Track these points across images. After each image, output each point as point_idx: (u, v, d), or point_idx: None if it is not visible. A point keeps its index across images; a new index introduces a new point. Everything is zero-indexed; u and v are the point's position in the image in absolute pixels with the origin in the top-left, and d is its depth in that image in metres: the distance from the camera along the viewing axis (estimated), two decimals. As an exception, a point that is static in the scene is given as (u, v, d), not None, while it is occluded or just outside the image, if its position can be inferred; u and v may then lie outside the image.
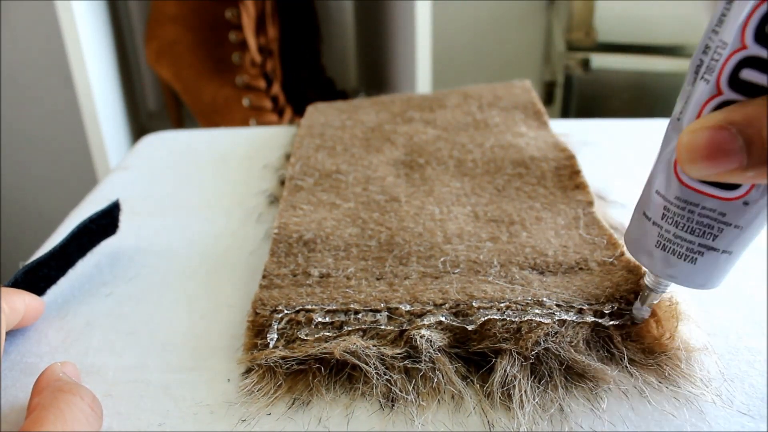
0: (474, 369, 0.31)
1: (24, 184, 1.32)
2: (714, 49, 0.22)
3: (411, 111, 0.57)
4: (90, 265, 0.41)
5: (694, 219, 0.24)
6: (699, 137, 0.21)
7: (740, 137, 0.20)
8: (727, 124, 0.20)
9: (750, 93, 0.21)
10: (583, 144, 0.54)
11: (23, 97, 1.25)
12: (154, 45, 1.05)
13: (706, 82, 0.22)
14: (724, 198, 0.23)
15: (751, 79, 0.21)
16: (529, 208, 0.42)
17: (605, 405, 0.28)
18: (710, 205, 0.24)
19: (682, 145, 0.22)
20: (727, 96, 0.22)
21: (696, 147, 0.21)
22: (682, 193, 0.24)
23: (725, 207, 0.24)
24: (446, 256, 0.37)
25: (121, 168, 0.54)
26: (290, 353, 0.30)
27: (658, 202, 0.26)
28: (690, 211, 0.24)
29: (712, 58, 0.22)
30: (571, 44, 1.22)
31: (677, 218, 0.25)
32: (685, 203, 0.24)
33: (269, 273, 0.37)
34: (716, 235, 0.24)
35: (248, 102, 1.04)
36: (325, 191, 0.45)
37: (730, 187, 0.23)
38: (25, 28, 1.19)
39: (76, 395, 0.26)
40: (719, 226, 0.24)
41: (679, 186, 0.24)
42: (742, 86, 0.21)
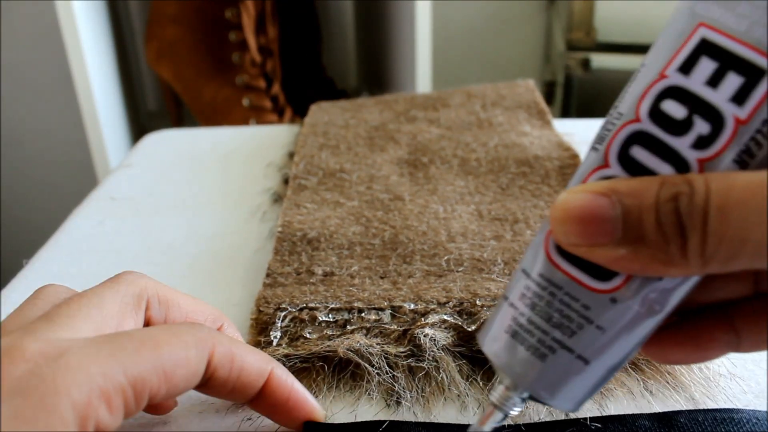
0: (478, 368, 0.30)
1: (24, 184, 1.32)
2: (610, 121, 0.20)
3: (414, 110, 0.57)
4: (94, 264, 0.41)
5: (554, 305, 0.21)
6: (576, 198, 0.19)
7: (619, 207, 0.18)
8: (610, 192, 0.19)
9: (637, 173, 0.19)
10: (586, 144, 0.54)
11: (23, 97, 1.25)
12: (154, 45, 1.05)
13: (595, 150, 0.20)
14: (591, 287, 0.20)
15: (640, 158, 0.19)
16: (533, 207, 0.42)
17: (610, 404, 0.28)
18: (575, 292, 0.20)
19: (557, 204, 0.20)
20: (614, 170, 0.20)
21: (570, 207, 0.19)
22: (546, 270, 0.21)
23: (590, 299, 0.20)
24: (450, 255, 0.37)
25: (124, 166, 0.54)
26: (294, 351, 0.30)
27: (520, 282, 0.22)
28: (551, 293, 0.21)
29: (606, 128, 0.20)
30: (571, 44, 1.22)
31: (536, 300, 0.21)
32: (547, 283, 0.21)
33: (273, 271, 0.36)
34: (574, 331, 0.20)
35: (248, 102, 1.04)
36: (328, 190, 0.45)
37: (602, 276, 0.20)
38: (25, 28, 1.19)
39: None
40: (579, 321, 0.20)
41: (546, 261, 0.21)
42: (630, 164, 0.19)
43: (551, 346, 0.21)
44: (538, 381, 0.21)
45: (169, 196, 0.49)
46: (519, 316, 0.21)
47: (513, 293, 0.22)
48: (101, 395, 0.20)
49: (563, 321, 0.20)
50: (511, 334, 0.22)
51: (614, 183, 0.19)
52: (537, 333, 0.21)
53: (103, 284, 0.25)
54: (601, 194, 0.19)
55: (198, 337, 0.23)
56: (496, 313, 0.23)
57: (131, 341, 0.21)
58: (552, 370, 0.21)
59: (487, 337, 0.23)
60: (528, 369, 0.21)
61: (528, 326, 0.21)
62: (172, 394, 0.22)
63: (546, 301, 0.21)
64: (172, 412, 0.28)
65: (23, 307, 0.24)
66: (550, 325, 0.21)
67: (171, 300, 0.26)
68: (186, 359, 0.22)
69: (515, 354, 0.21)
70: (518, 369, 0.21)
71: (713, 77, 0.18)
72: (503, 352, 0.22)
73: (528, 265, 0.22)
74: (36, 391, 0.19)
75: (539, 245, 0.21)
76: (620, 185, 0.19)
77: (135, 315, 0.25)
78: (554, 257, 0.21)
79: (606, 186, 0.19)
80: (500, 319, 0.22)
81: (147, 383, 0.21)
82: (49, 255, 0.42)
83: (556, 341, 0.21)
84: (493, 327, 0.22)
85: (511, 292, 0.22)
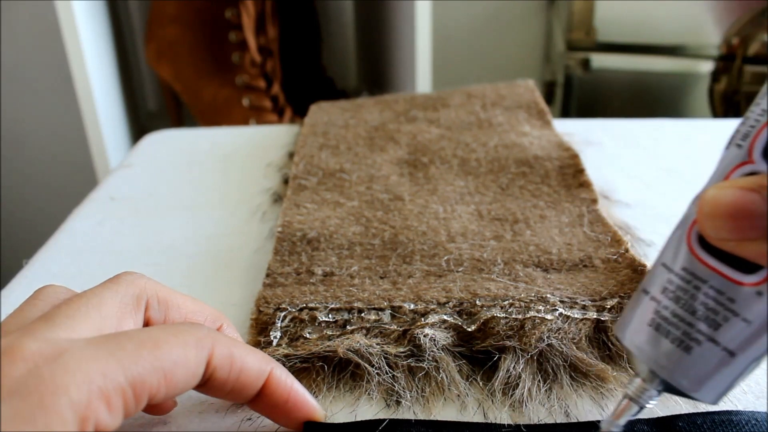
0: (478, 368, 0.30)
1: (24, 184, 1.32)
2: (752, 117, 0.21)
3: (414, 110, 0.57)
4: (94, 264, 0.41)
5: (699, 298, 0.21)
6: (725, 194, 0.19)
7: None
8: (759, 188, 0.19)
9: None
10: (586, 143, 0.54)
11: (23, 97, 1.24)
12: (154, 45, 1.05)
13: (738, 147, 0.21)
14: (736, 281, 0.20)
15: None
16: (533, 207, 0.42)
17: (611, 405, 0.28)
18: (719, 285, 0.21)
19: (705, 199, 0.20)
20: (758, 166, 0.20)
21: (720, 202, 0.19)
22: (690, 263, 0.21)
23: (735, 292, 0.20)
24: (450, 255, 0.37)
25: (124, 166, 0.54)
26: (294, 351, 0.30)
27: (661, 276, 0.22)
28: (695, 286, 0.21)
29: (750, 125, 0.21)
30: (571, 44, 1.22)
31: (680, 293, 0.21)
32: (691, 276, 0.21)
33: (273, 271, 0.36)
34: (720, 323, 0.21)
35: (248, 102, 1.04)
36: (328, 190, 0.45)
37: (747, 268, 0.20)
38: (25, 28, 1.19)
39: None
40: (725, 314, 0.20)
41: (689, 255, 0.21)
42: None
43: (697, 338, 0.21)
44: (684, 373, 0.21)
45: (169, 196, 0.49)
46: (662, 309, 0.22)
47: (654, 287, 0.22)
48: (100, 395, 0.20)
49: (709, 314, 0.21)
50: (655, 327, 0.22)
51: (762, 179, 0.19)
52: (682, 326, 0.21)
53: (102, 285, 0.25)
54: (751, 190, 0.19)
55: (197, 337, 0.23)
56: (635, 307, 0.23)
57: (130, 341, 0.21)
58: (698, 363, 0.21)
59: (627, 330, 0.23)
60: (673, 361, 0.22)
61: (672, 319, 0.22)
62: (172, 394, 0.22)
63: (691, 294, 0.21)
64: (172, 412, 0.28)
65: (23, 307, 0.24)
66: (696, 318, 0.21)
67: (170, 300, 0.26)
68: (185, 359, 0.22)
69: (659, 346, 0.22)
70: (663, 361, 0.22)
71: None
72: (646, 345, 0.22)
73: (669, 259, 0.22)
74: (35, 391, 0.19)
75: (681, 239, 0.22)
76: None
77: (134, 315, 0.25)
78: (697, 251, 0.21)
79: (755, 182, 0.19)
80: (641, 312, 0.23)
81: (146, 383, 0.21)
82: (49, 255, 0.42)
83: (702, 333, 0.21)
84: (633, 320, 0.23)
85: (651, 286, 0.22)
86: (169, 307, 0.26)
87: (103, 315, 0.23)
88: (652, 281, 0.23)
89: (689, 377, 0.21)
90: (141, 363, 0.21)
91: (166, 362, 0.22)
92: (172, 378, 0.22)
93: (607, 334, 0.31)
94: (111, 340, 0.21)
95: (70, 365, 0.20)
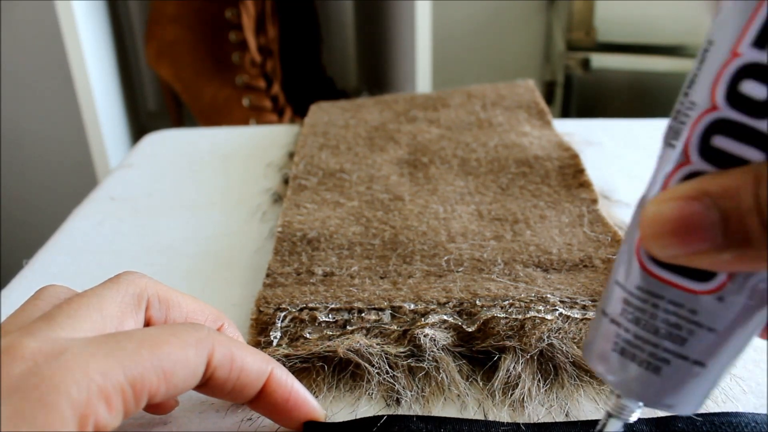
0: (478, 368, 0.30)
1: (24, 184, 1.32)
2: (682, 111, 0.19)
3: (414, 110, 0.57)
4: (94, 265, 0.41)
5: (659, 316, 0.20)
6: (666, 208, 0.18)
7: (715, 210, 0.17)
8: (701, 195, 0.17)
9: (723, 163, 0.18)
10: (586, 144, 0.54)
11: (23, 97, 1.24)
12: (154, 45, 1.05)
13: (671, 147, 0.19)
14: (693, 290, 0.19)
15: (724, 147, 0.17)
16: (533, 207, 0.42)
17: (611, 403, 0.28)
18: (678, 298, 0.19)
19: (646, 218, 0.18)
20: (697, 166, 0.18)
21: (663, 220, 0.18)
22: (644, 281, 0.20)
23: (695, 302, 0.19)
24: (450, 255, 0.37)
25: (124, 166, 0.54)
26: (294, 351, 0.30)
27: (617, 295, 0.21)
28: (654, 305, 0.20)
29: (680, 121, 0.19)
30: (571, 44, 1.22)
31: (639, 314, 0.20)
32: (647, 294, 0.20)
33: (273, 271, 0.36)
34: (685, 338, 0.19)
35: (248, 102, 1.04)
36: (328, 190, 0.45)
37: (702, 276, 0.19)
38: (25, 28, 1.19)
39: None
40: (689, 327, 0.19)
41: (641, 272, 0.20)
42: (714, 155, 0.18)
43: (664, 357, 0.20)
44: (657, 395, 0.20)
45: (169, 196, 0.49)
46: (624, 333, 0.20)
47: (611, 308, 0.21)
48: (100, 394, 0.20)
49: (672, 330, 0.19)
50: (620, 352, 0.21)
51: (703, 183, 0.17)
52: (647, 347, 0.20)
53: (103, 284, 0.25)
54: (693, 199, 0.17)
55: (197, 337, 0.23)
56: (597, 330, 0.22)
57: (131, 341, 0.21)
58: (669, 381, 0.20)
59: (593, 355, 0.22)
60: (644, 385, 0.20)
61: (636, 342, 0.20)
62: (172, 393, 0.22)
63: (650, 313, 0.20)
64: (173, 412, 0.28)
65: (24, 307, 0.24)
66: (659, 337, 0.20)
67: (171, 300, 0.26)
68: (185, 359, 0.22)
69: (628, 371, 0.21)
70: (634, 386, 0.21)
71: None
72: (615, 371, 0.21)
73: (622, 277, 0.20)
74: (35, 389, 0.19)
75: (630, 255, 0.20)
76: (710, 185, 0.17)
77: (135, 315, 0.25)
78: (649, 266, 0.20)
79: (695, 188, 0.17)
80: (604, 336, 0.21)
81: (146, 382, 0.21)
82: (49, 255, 0.42)
83: (669, 352, 0.20)
84: (597, 345, 0.21)
85: (608, 307, 0.21)
86: (169, 306, 0.26)
87: (103, 315, 0.23)
88: (609, 301, 0.21)
89: (663, 396, 0.20)
90: (141, 362, 0.21)
91: (166, 362, 0.22)
92: (172, 377, 0.22)
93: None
94: (111, 340, 0.21)
95: (70, 364, 0.20)
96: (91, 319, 0.23)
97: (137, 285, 0.25)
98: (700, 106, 0.18)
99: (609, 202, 0.45)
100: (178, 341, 0.22)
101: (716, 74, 0.18)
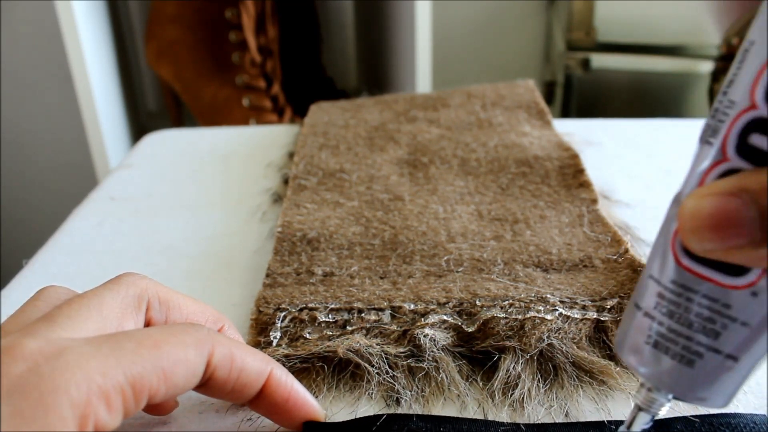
0: (478, 368, 0.30)
1: (24, 184, 1.32)
2: (721, 110, 0.19)
3: (414, 110, 0.57)
4: (93, 265, 0.41)
5: (693, 309, 0.20)
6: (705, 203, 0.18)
7: (753, 207, 0.17)
8: (739, 191, 0.18)
9: (760, 161, 0.18)
10: (586, 143, 0.54)
11: (23, 97, 1.24)
12: (154, 45, 1.05)
13: (708, 144, 0.19)
14: (728, 285, 0.19)
15: (762, 145, 0.18)
16: (533, 207, 0.42)
17: (611, 405, 0.28)
18: (712, 293, 0.20)
19: (685, 212, 0.19)
20: (734, 163, 0.19)
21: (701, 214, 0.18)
22: (678, 276, 0.20)
23: (729, 297, 0.19)
24: (450, 255, 0.37)
25: (124, 166, 0.54)
26: (293, 352, 0.30)
27: (651, 289, 0.21)
28: (688, 299, 0.20)
29: (718, 119, 0.19)
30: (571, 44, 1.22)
31: (673, 307, 0.20)
32: (682, 289, 0.20)
33: (273, 271, 0.36)
34: (719, 332, 0.20)
35: (248, 102, 1.04)
36: (328, 190, 0.45)
37: (736, 271, 0.19)
38: (25, 28, 1.19)
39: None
40: (723, 321, 0.20)
41: (676, 267, 0.20)
42: (752, 153, 0.18)
43: (698, 351, 0.20)
44: (690, 388, 0.21)
45: (169, 196, 0.49)
46: (658, 326, 0.21)
47: (646, 302, 0.21)
48: (100, 394, 0.20)
49: (706, 324, 0.20)
50: (653, 345, 0.21)
51: (742, 180, 0.18)
52: (681, 340, 0.20)
53: (103, 285, 0.25)
54: (731, 195, 0.18)
55: (197, 337, 0.23)
56: (629, 323, 0.22)
57: (130, 341, 0.21)
58: (702, 375, 0.20)
59: (625, 348, 0.22)
60: (677, 378, 0.21)
61: (670, 335, 0.21)
62: (172, 393, 0.22)
63: (684, 307, 0.20)
64: (173, 412, 0.28)
65: (24, 308, 0.24)
66: (693, 331, 0.20)
67: (171, 301, 0.26)
68: (185, 359, 0.22)
69: (661, 364, 0.21)
70: (667, 379, 0.21)
71: None
72: (648, 364, 0.21)
73: (656, 271, 0.21)
74: (35, 389, 0.19)
75: (665, 249, 0.21)
76: (749, 182, 0.18)
77: (135, 316, 0.25)
78: (684, 261, 0.20)
79: (734, 185, 0.18)
80: (637, 329, 0.21)
81: (146, 382, 0.21)
82: (49, 255, 0.42)
83: (702, 345, 0.20)
84: (630, 338, 0.22)
85: (642, 301, 0.21)
86: (170, 307, 0.26)
87: (104, 315, 0.23)
88: (643, 295, 0.22)
89: (695, 389, 0.21)
90: (140, 362, 0.21)
91: (166, 362, 0.22)
92: (172, 377, 0.22)
93: (608, 334, 0.31)
94: (111, 340, 0.21)
95: (70, 364, 0.20)
96: (91, 320, 0.23)
97: (137, 286, 0.25)
98: (739, 104, 0.18)
99: (609, 202, 0.45)
100: (177, 341, 0.22)
101: (756, 74, 0.18)
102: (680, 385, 0.21)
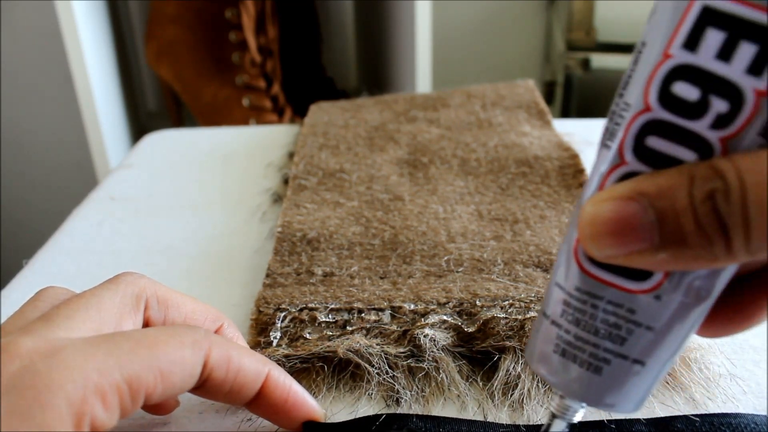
0: (478, 368, 0.30)
1: (24, 184, 1.32)
2: (617, 112, 0.19)
3: (414, 110, 0.57)
4: (93, 265, 0.41)
5: (598, 316, 0.20)
6: (603, 209, 0.18)
7: (651, 211, 0.17)
8: (637, 195, 0.17)
9: (658, 164, 0.18)
10: (586, 144, 0.54)
11: (23, 97, 1.24)
12: (154, 45, 1.05)
13: (606, 148, 0.19)
14: (631, 290, 0.19)
15: (658, 147, 0.18)
16: (533, 207, 0.42)
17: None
18: (616, 298, 0.19)
19: (583, 219, 0.18)
20: (632, 167, 0.18)
21: (600, 220, 0.18)
22: (582, 282, 0.20)
23: (633, 301, 0.19)
24: (450, 255, 0.37)
25: (124, 166, 0.54)
26: (293, 352, 0.30)
27: (557, 297, 0.21)
28: (593, 305, 0.20)
29: (615, 122, 0.19)
30: (571, 44, 1.22)
31: (578, 315, 0.20)
32: (586, 295, 0.20)
33: (273, 272, 0.36)
34: (624, 337, 0.19)
35: (248, 102, 1.04)
36: (328, 190, 0.45)
37: (639, 276, 0.19)
38: (25, 28, 1.19)
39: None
40: (628, 327, 0.19)
41: (580, 274, 0.20)
42: (649, 156, 0.18)
43: (605, 357, 0.20)
44: (599, 395, 0.20)
45: (169, 196, 0.49)
46: (565, 334, 0.21)
47: (552, 309, 0.21)
48: (96, 392, 0.20)
49: (612, 330, 0.20)
50: (561, 353, 0.21)
51: (639, 183, 0.18)
52: (588, 348, 0.20)
53: (102, 285, 0.25)
54: (629, 199, 0.17)
55: (194, 338, 0.23)
56: (538, 331, 0.22)
57: (127, 340, 0.21)
58: (610, 381, 0.20)
59: (534, 357, 0.22)
60: (586, 385, 0.21)
61: (577, 343, 0.20)
62: (169, 393, 0.22)
63: (590, 314, 0.20)
64: (173, 412, 0.28)
65: (23, 308, 0.24)
66: (600, 338, 0.20)
67: (170, 300, 0.26)
68: (182, 359, 0.22)
69: (569, 372, 0.21)
70: (576, 387, 0.21)
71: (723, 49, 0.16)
72: (557, 373, 0.21)
73: (561, 278, 0.21)
74: (31, 387, 0.19)
75: (569, 257, 0.20)
76: (646, 185, 0.17)
77: (134, 316, 0.25)
78: (587, 267, 0.20)
79: (631, 189, 0.18)
80: (545, 337, 0.21)
81: (143, 381, 0.21)
82: (49, 255, 0.42)
83: (609, 351, 0.20)
84: (538, 347, 0.22)
85: (549, 308, 0.21)
86: (168, 307, 0.26)
87: (102, 315, 0.23)
88: (549, 303, 0.21)
89: (604, 396, 0.20)
90: (137, 361, 0.21)
91: (163, 361, 0.22)
92: (169, 377, 0.22)
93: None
94: (108, 339, 0.21)
95: (67, 362, 0.20)
96: (90, 320, 0.23)
97: (136, 286, 0.25)
98: (634, 107, 0.18)
99: (609, 202, 0.45)
100: (174, 342, 0.22)
101: (649, 75, 0.18)
102: (590, 392, 0.21)
